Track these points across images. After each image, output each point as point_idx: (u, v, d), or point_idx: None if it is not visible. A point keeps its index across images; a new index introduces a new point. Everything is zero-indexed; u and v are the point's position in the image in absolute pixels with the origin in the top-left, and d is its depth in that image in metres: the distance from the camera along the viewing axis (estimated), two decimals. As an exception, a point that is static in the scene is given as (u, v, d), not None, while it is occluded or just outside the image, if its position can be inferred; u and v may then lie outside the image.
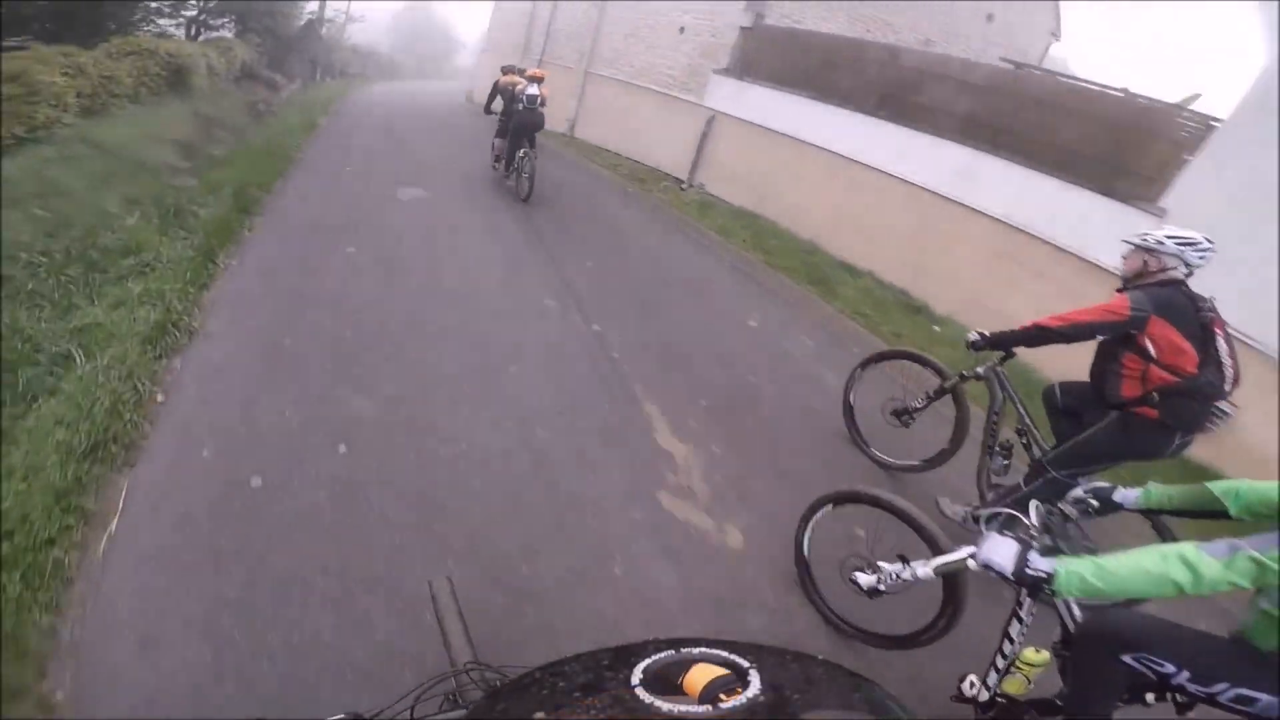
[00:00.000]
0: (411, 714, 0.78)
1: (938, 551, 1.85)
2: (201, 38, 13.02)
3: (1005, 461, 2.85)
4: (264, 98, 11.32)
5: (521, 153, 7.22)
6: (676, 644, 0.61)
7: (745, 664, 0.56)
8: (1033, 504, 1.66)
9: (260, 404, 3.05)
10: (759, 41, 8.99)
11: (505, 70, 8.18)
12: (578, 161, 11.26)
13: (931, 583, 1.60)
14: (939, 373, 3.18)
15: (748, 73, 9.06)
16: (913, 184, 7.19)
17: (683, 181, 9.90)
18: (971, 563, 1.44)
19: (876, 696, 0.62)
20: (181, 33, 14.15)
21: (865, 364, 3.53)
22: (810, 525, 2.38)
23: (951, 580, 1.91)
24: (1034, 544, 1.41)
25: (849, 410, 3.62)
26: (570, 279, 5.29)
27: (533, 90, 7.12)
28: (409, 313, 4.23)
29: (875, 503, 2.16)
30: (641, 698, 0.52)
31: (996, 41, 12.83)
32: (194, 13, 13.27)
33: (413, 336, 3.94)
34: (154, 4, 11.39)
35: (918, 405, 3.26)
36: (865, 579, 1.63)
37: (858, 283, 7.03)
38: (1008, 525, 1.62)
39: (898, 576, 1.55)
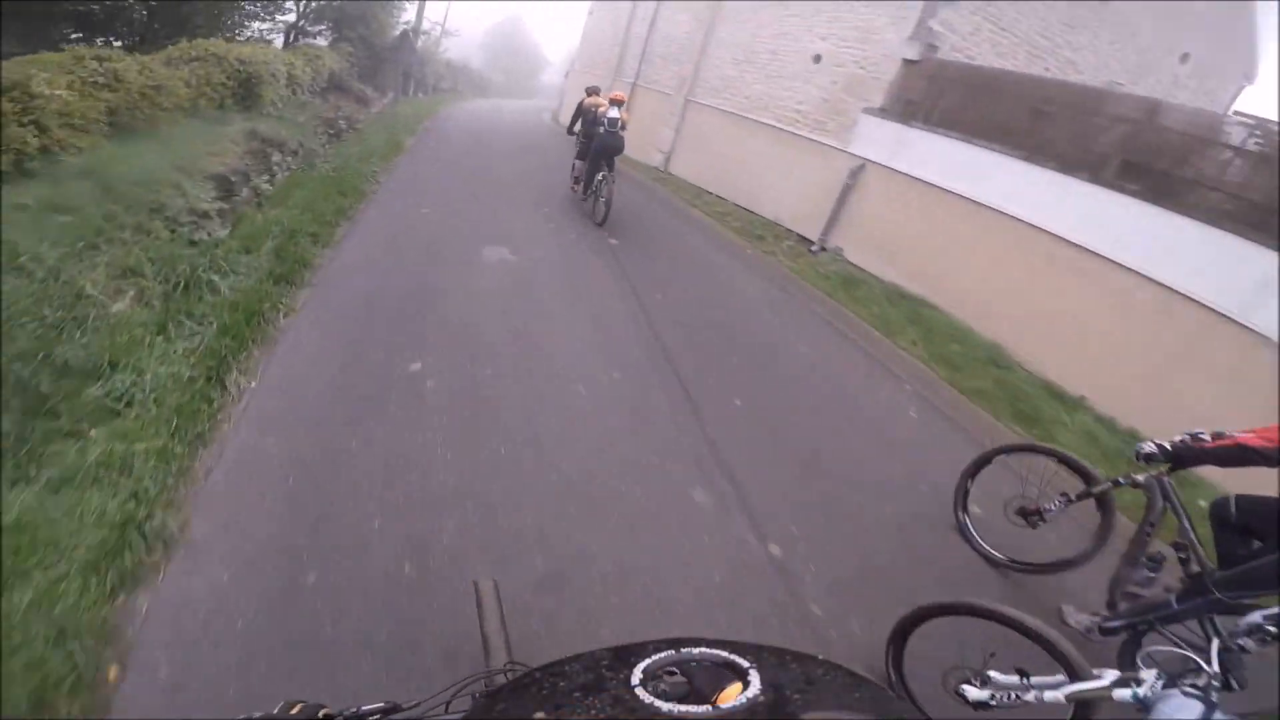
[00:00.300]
0: (446, 709, 0.72)
1: (1071, 673, 1.48)
2: (299, 44, 11.91)
3: (1151, 575, 2.33)
4: (350, 113, 10.00)
5: (600, 176, 6.78)
6: (676, 644, 0.57)
7: (745, 664, 0.53)
8: (1214, 645, 1.52)
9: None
10: (929, 79, 6.88)
11: (589, 91, 7.70)
12: (677, 204, 9.40)
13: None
14: (1086, 476, 2.64)
15: (913, 116, 6.96)
16: (1166, 286, 4.96)
17: (812, 243, 7.87)
18: (1118, 695, 1.30)
19: (877, 696, 0.58)
20: (280, 39, 13.24)
21: (991, 456, 2.98)
22: (910, 639, 1.89)
23: (1084, 706, 1.49)
24: (1216, 702, 1.22)
25: (962, 500, 3.03)
26: (717, 436, 3.37)
27: (614, 113, 6.65)
28: (503, 520, 2.46)
29: (990, 616, 1.69)
30: (641, 698, 0.49)
31: (1186, 84, 10.29)
32: (292, 18, 12.20)
33: (512, 581, 2.16)
34: (248, 6, 10.23)
35: (1051, 507, 2.70)
36: (975, 693, 1.52)
37: (1074, 419, 4.82)
38: (1177, 669, 1.41)
39: (1017, 696, 1.41)
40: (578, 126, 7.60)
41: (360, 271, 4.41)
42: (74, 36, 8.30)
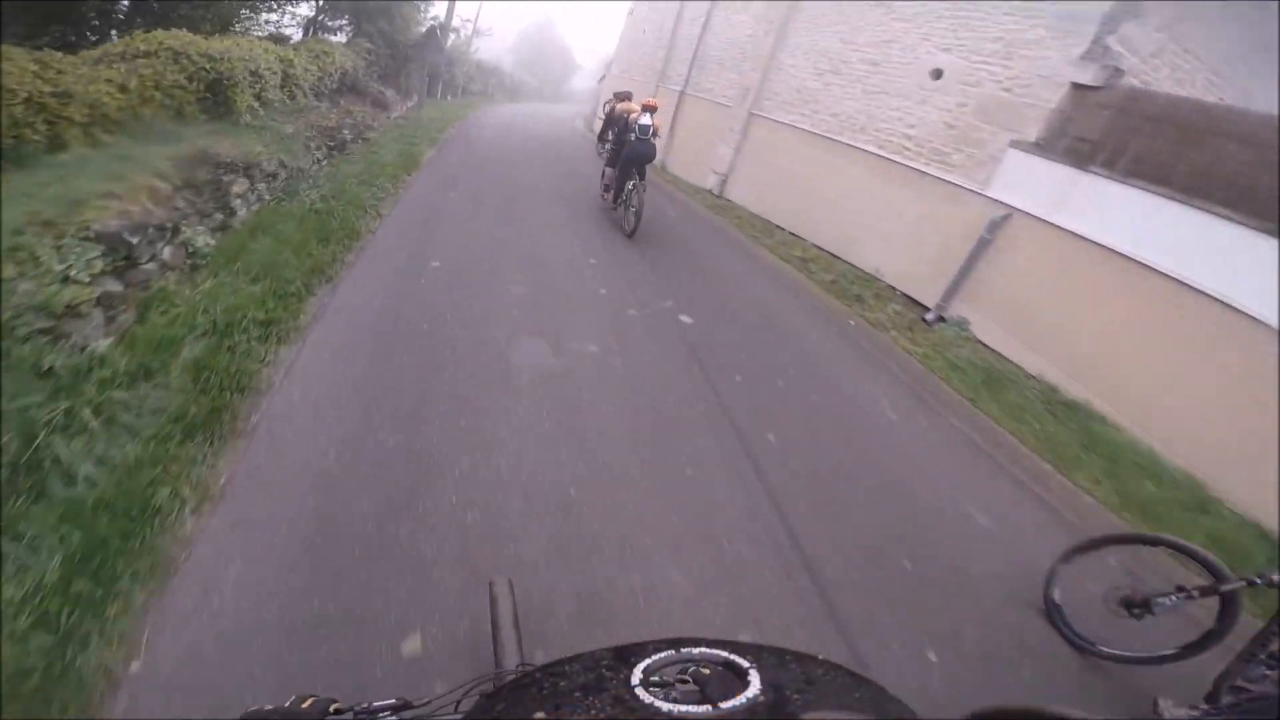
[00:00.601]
0: (456, 708, 0.70)
1: None
2: (305, 40, 10.34)
3: (1270, 673, 2.11)
4: (362, 119, 8.41)
5: (631, 185, 6.51)
6: (676, 644, 0.56)
7: (745, 664, 0.52)
8: None
9: None
10: (1118, 111, 5.05)
11: (620, 96, 7.53)
12: (744, 242, 7.63)
13: None
14: (1213, 571, 2.23)
15: (1089, 158, 5.14)
16: None
17: (927, 309, 6.09)
18: None
19: (877, 696, 0.56)
20: (299, 35, 11.74)
21: (1097, 544, 2.51)
22: None
23: None
24: None
25: (1051, 585, 2.53)
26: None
27: (645, 120, 6.33)
28: None
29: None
30: (642, 697, 0.48)
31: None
32: (305, 10, 10.66)
33: None
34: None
35: (1165, 600, 2.29)
36: None
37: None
38: None
39: None
40: (610, 135, 7.27)
41: (326, 402, 2.73)
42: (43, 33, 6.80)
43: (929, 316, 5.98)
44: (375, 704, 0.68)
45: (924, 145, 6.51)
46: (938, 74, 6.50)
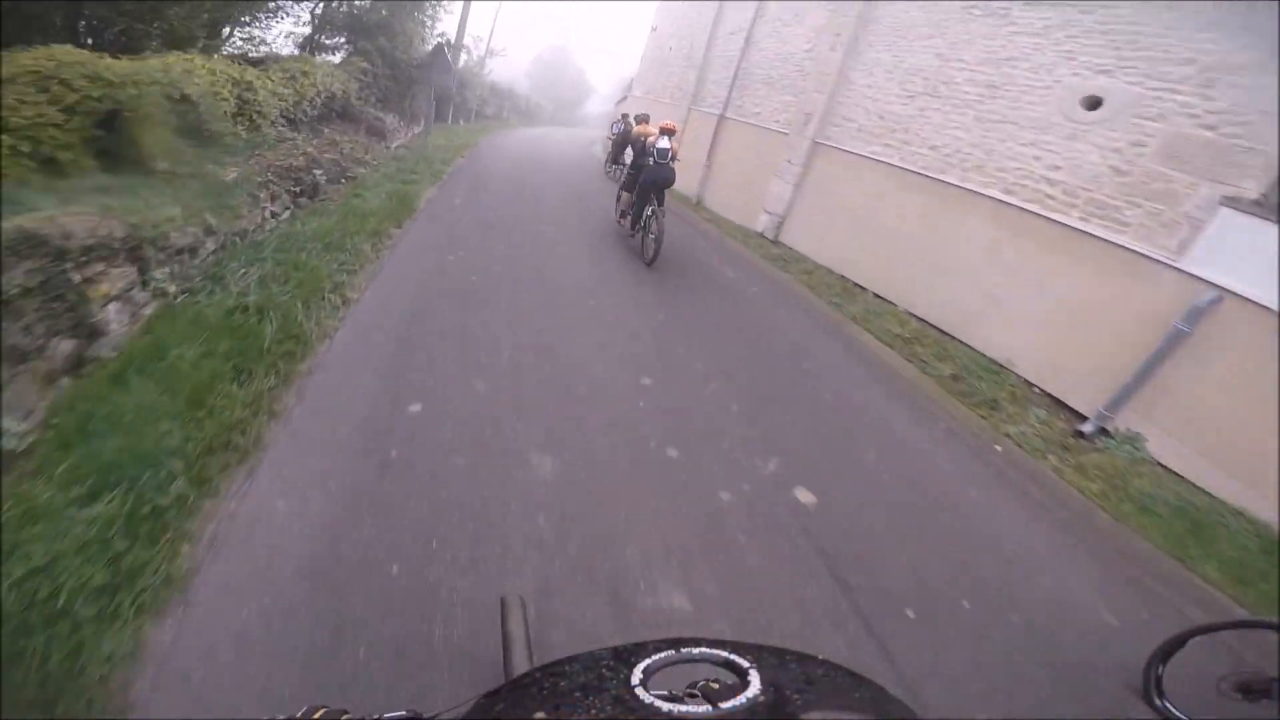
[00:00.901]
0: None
1: None
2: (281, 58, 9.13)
3: None
4: (351, 152, 7.09)
5: (649, 211, 6.20)
6: (676, 644, 0.56)
7: (745, 664, 0.52)
8: None
9: None
10: None
11: (638, 119, 7.73)
12: (816, 306, 6.11)
13: None
14: None
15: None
16: None
17: (1083, 418, 4.49)
18: None
19: (877, 696, 0.56)
20: (295, 53, 10.61)
21: (1208, 629, 2.21)
22: None
23: None
24: None
25: (1157, 667, 2.23)
26: None
27: (664, 143, 6.06)
28: None
29: None
30: (642, 698, 0.48)
31: None
32: (290, 24, 9.48)
33: None
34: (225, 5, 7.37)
35: None
36: None
37: None
38: None
39: None
40: (626, 157, 6.87)
41: None
42: None
43: (1086, 428, 4.39)
44: (386, 715, 0.67)
45: (1077, 195, 4.98)
46: (1094, 103, 4.98)
